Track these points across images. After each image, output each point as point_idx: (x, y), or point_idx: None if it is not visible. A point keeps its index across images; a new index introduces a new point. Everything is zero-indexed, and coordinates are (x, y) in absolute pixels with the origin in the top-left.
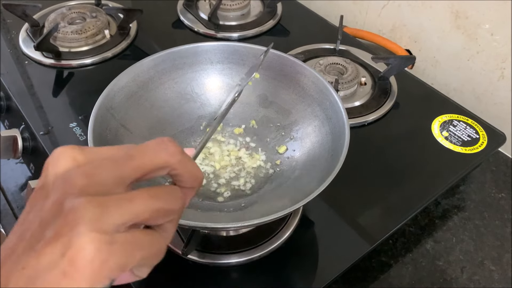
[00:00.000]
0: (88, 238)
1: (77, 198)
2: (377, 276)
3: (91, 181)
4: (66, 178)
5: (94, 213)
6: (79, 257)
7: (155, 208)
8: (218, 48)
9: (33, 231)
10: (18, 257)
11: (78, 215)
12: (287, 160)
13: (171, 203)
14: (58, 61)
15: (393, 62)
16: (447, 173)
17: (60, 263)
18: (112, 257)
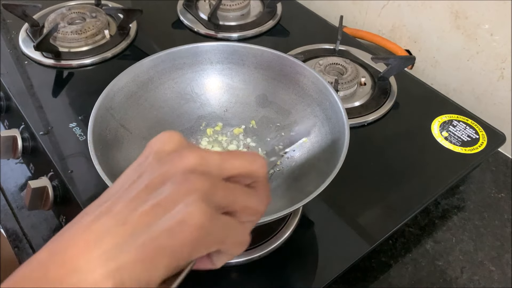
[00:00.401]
0: (200, 208)
1: (193, 173)
2: (377, 276)
3: (202, 162)
4: (182, 155)
5: (207, 188)
6: (189, 221)
7: (248, 204)
8: (218, 48)
9: (139, 193)
10: (116, 214)
11: (193, 187)
12: (287, 160)
13: (259, 204)
14: (58, 61)
15: (393, 63)
16: (447, 173)
17: (168, 222)
18: (213, 231)
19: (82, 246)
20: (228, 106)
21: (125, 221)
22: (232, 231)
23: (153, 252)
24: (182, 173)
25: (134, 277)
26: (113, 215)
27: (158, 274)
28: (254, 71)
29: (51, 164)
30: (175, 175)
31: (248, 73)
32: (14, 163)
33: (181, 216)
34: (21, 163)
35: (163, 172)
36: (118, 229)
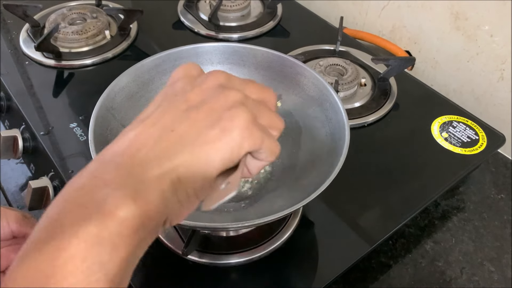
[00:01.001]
0: (244, 110)
1: (226, 88)
2: (377, 276)
3: (230, 80)
4: (212, 74)
5: (242, 98)
6: (238, 118)
7: (272, 118)
8: (218, 49)
9: (181, 105)
10: (166, 122)
11: (232, 97)
12: (287, 161)
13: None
14: (58, 61)
15: (393, 63)
16: (447, 174)
17: (219, 122)
18: (255, 131)
19: (133, 152)
20: None
21: (174, 128)
22: (267, 136)
23: (208, 148)
24: (217, 87)
25: (191, 173)
26: (162, 125)
27: (213, 167)
28: (254, 72)
29: (52, 164)
30: (211, 89)
31: (249, 73)
32: (15, 163)
33: (229, 115)
34: (22, 163)
35: (199, 88)
36: (169, 135)
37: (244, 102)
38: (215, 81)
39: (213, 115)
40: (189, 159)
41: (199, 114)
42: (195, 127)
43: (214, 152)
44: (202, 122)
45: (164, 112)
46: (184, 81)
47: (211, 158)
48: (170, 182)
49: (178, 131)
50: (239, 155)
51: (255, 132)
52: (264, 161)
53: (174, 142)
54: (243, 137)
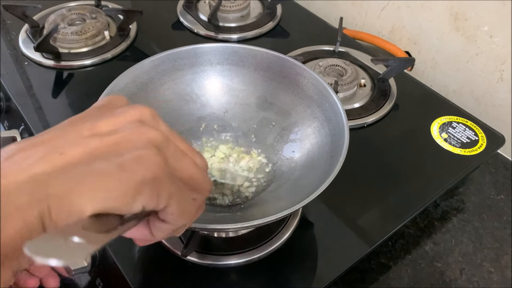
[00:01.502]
0: (156, 152)
1: (146, 125)
2: (376, 277)
3: (156, 118)
4: (136, 107)
5: (160, 140)
6: (146, 162)
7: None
8: (217, 49)
9: (83, 131)
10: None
11: (149, 134)
12: (287, 161)
13: (206, 181)
14: (57, 62)
15: (393, 64)
16: (446, 175)
17: (119, 158)
18: (164, 181)
19: (7, 169)
20: (228, 107)
21: (64, 151)
22: (180, 191)
23: (93, 181)
24: (136, 121)
25: (65, 208)
26: (52, 146)
27: (92, 206)
28: (254, 72)
29: None
30: (127, 122)
31: (248, 74)
32: None
33: (135, 154)
34: None
35: (113, 118)
36: (55, 157)
37: (162, 145)
38: (136, 115)
39: (117, 149)
40: (67, 191)
41: (101, 144)
42: (88, 156)
43: (99, 188)
44: (99, 153)
45: (62, 133)
46: (101, 109)
47: (93, 195)
48: (37, 213)
49: (67, 156)
50: (133, 203)
51: (163, 183)
52: (171, 224)
53: (57, 167)
54: (143, 183)
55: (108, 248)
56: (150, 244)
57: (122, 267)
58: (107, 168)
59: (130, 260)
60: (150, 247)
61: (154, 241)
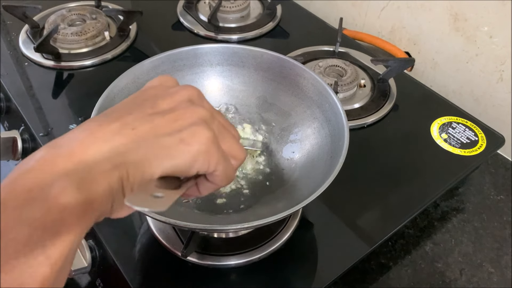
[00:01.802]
0: (206, 127)
1: (195, 103)
2: (376, 278)
3: (202, 98)
4: (185, 87)
5: (208, 117)
6: (197, 134)
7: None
8: (217, 50)
9: (147, 109)
10: (127, 122)
11: (199, 112)
12: (287, 162)
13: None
14: (58, 62)
15: (392, 64)
16: (446, 175)
17: (178, 134)
18: (213, 151)
19: (89, 142)
20: (228, 108)
21: (135, 127)
22: (224, 160)
23: (162, 153)
24: (187, 100)
25: (140, 172)
26: (124, 122)
27: (162, 171)
28: (254, 73)
29: None
30: (181, 101)
31: (248, 75)
32: (14, 165)
33: (191, 130)
34: None
35: (169, 97)
36: (129, 132)
37: (209, 121)
38: (187, 95)
39: (176, 125)
40: (141, 159)
41: (163, 121)
42: (155, 131)
43: (167, 158)
44: (164, 129)
45: (129, 111)
46: (157, 89)
47: (162, 163)
48: (118, 177)
49: (138, 130)
50: (190, 169)
51: (213, 153)
52: (216, 185)
53: (131, 140)
54: (199, 153)
55: (108, 249)
56: (150, 245)
57: (122, 268)
58: (171, 141)
59: (130, 260)
60: (150, 247)
61: (201, 195)
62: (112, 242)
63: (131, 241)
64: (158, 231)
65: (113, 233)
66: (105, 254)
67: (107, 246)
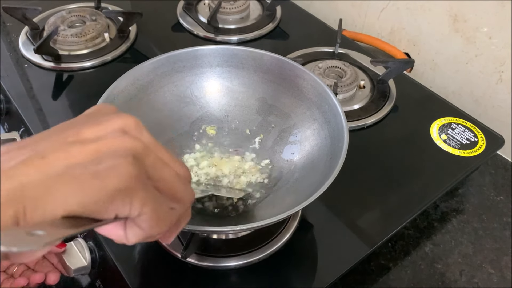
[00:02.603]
0: (132, 162)
1: (128, 134)
2: (376, 279)
3: (139, 128)
4: (121, 115)
5: (140, 150)
6: (121, 170)
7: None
8: (217, 51)
9: (67, 137)
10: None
11: (127, 144)
12: (286, 163)
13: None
14: (57, 64)
15: (392, 66)
16: (446, 176)
17: (96, 166)
18: (137, 190)
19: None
20: (227, 109)
21: (46, 155)
22: (155, 201)
23: (67, 186)
24: (119, 130)
25: (40, 208)
26: (35, 150)
27: (65, 207)
28: (253, 74)
29: None
30: (111, 131)
31: (248, 76)
32: None
33: (111, 163)
34: None
35: (98, 126)
36: (37, 162)
37: (140, 156)
38: (120, 123)
39: (95, 157)
40: (44, 193)
41: (81, 150)
42: (68, 161)
43: (73, 194)
44: (78, 159)
45: (47, 138)
46: (90, 116)
47: (67, 199)
48: (12, 214)
49: (48, 160)
50: (105, 210)
51: (136, 192)
52: (144, 231)
53: (37, 170)
54: (116, 191)
55: (108, 250)
56: (150, 246)
57: (122, 269)
58: (83, 175)
59: (130, 262)
60: (150, 249)
61: (128, 244)
62: (112, 244)
63: None
64: None
65: None
66: (105, 256)
67: (107, 247)
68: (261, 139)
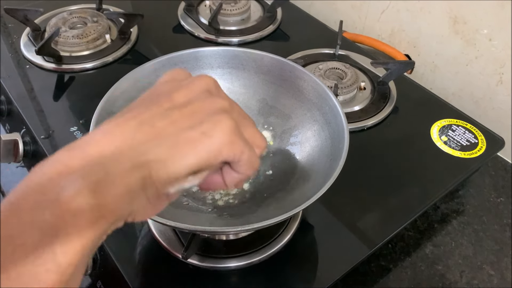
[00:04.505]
0: (228, 117)
1: (213, 94)
2: (377, 280)
3: (219, 88)
4: (201, 78)
5: (228, 107)
6: (219, 125)
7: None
8: (218, 53)
9: (163, 104)
10: (144, 119)
11: (218, 103)
12: (287, 164)
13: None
14: (59, 65)
15: (392, 67)
16: (446, 178)
17: (203, 125)
18: (236, 141)
19: (106, 142)
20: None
21: (153, 123)
22: (248, 148)
23: (186, 148)
24: (204, 91)
25: (164, 171)
26: (142, 120)
27: (188, 168)
28: (254, 76)
29: None
30: (198, 92)
31: (249, 77)
32: (15, 167)
33: (212, 121)
34: (22, 166)
35: (185, 89)
36: (148, 129)
37: (229, 111)
38: (203, 85)
39: (196, 117)
40: (165, 156)
41: (182, 114)
42: (175, 126)
43: (191, 153)
44: (184, 122)
45: (146, 108)
46: (171, 83)
47: (187, 159)
48: (140, 177)
49: (157, 127)
50: (216, 160)
51: (237, 141)
52: (242, 175)
53: (151, 138)
54: (223, 143)
55: (109, 251)
56: (151, 247)
57: (123, 270)
58: (193, 135)
59: (131, 262)
60: (151, 249)
61: (227, 188)
62: (113, 244)
63: (132, 243)
64: (159, 233)
65: (114, 235)
66: (106, 256)
67: (108, 248)
68: None
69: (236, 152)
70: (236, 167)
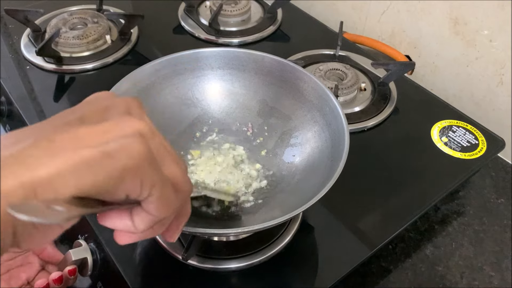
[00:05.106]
0: (141, 141)
1: (133, 115)
2: (377, 281)
3: (142, 111)
4: (125, 98)
5: (147, 131)
6: (132, 149)
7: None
8: (218, 53)
9: (71, 121)
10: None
11: (136, 124)
12: (287, 166)
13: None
14: (59, 66)
15: (393, 68)
16: (447, 179)
17: (107, 146)
18: (147, 170)
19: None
20: (228, 111)
21: (53, 139)
22: (163, 184)
23: (78, 167)
24: (122, 111)
25: (50, 189)
26: (41, 134)
27: (75, 190)
28: (254, 77)
29: None
30: (115, 113)
31: (249, 78)
32: None
33: (120, 143)
34: None
35: (102, 108)
36: (44, 144)
37: (147, 136)
38: (124, 105)
39: (103, 137)
40: (54, 174)
41: (88, 132)
42: (76, 142)
43: (85, 174)
44: (87, 141)
45: (50, 122)
46: (90, 102)
47: (79, 180)
48: (22, 196)
49: (55, 142)
50: (116, 190)
51: (147, 171)
52: (152, 215)
53: (45, 153)
54: (126, 170)
55: (109, 252)
56: (151, 248)
57: (123, 271)
58: (93, 154)
59: (131, 264)
60: (151, 251)
61: (134, 237)
62: (113, 245)
63: (132, 244)
64: None
65: None
66: (106, 257)
67: (108, 249)
68: (261, 141)
69: (144, 184)
70: (146, 205)
